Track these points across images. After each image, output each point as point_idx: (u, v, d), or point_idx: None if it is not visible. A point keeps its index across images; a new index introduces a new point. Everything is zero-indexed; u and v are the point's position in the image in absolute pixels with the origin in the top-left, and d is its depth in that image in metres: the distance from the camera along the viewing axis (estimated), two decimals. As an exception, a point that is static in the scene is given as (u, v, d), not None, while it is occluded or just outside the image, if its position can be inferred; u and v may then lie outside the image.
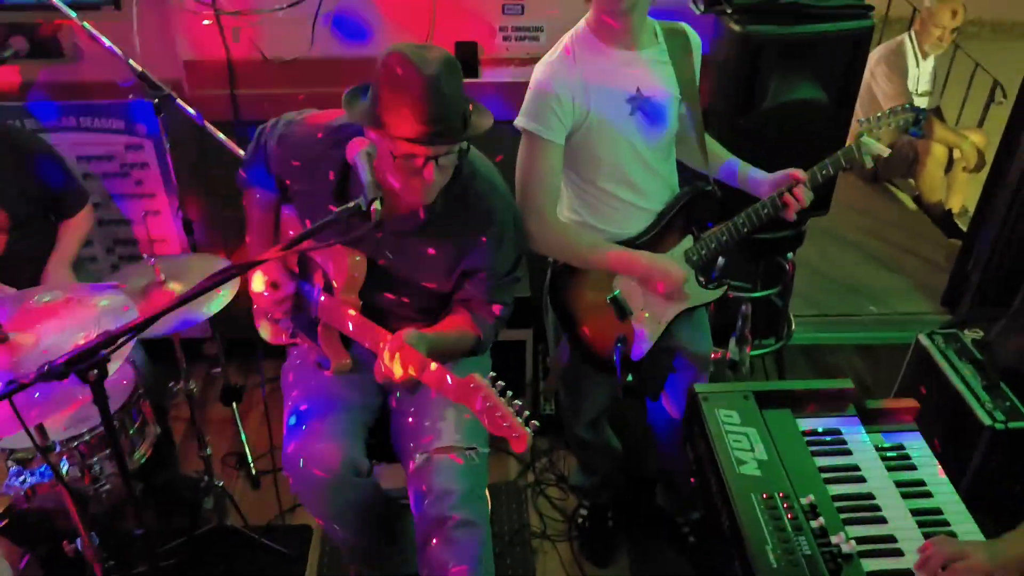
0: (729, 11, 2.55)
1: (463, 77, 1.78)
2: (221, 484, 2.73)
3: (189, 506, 2.80)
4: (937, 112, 4.84)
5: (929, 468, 1.96)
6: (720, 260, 2.30)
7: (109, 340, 1.42)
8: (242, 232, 2.23)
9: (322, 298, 2.05)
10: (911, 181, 4.90)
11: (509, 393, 1.60)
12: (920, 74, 4.61)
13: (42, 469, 1.93)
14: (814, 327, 3.69)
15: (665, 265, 2.16)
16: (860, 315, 3.84)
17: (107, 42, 2.48)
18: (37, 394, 1.67)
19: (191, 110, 2.54)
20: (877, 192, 4.89)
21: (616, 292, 2.21)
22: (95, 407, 1.47)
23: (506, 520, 2.84)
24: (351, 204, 1.57)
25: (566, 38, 2.09)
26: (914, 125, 2.19)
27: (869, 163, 2.14)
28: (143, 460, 2.35)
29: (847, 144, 2.17)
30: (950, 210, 4.62)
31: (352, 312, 1.99)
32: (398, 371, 1.72)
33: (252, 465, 3.00)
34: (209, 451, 2.70)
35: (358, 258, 1.98)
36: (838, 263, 4.21)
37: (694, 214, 2.25)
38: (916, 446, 2.02)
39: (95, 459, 2.20)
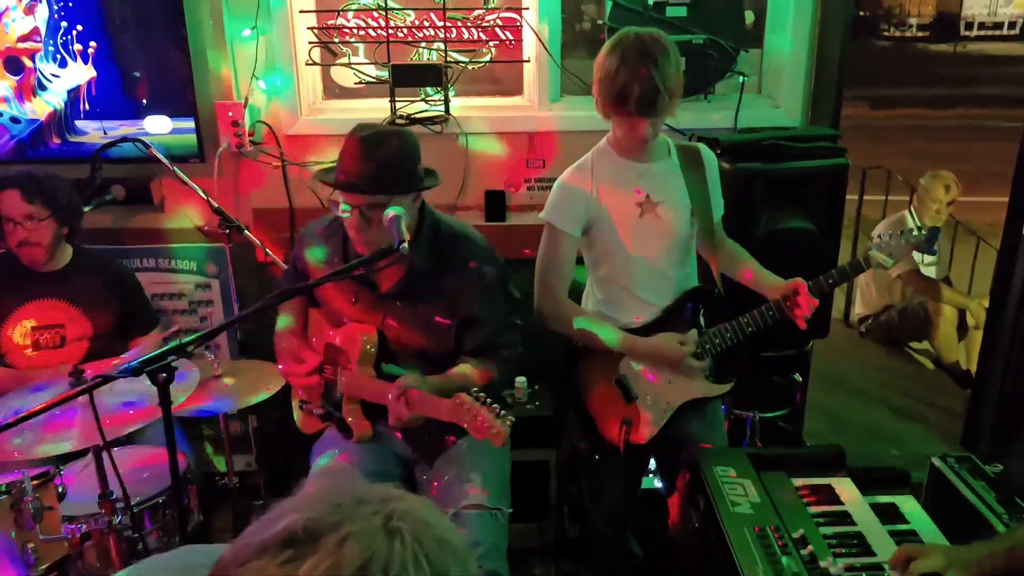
0: (719, 151, 2.94)
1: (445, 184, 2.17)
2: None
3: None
4: (947, 280, 5.11)
5: (922, 521, 2.06)
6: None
7: (178, 348, 1.70)
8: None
9: (343, 378, 2.31)
10: (929, 348, 5.07)
11: (489, 400, 1.88)
12: (923, 245, 4.94)
13: (96, 515, 2.13)
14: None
15: (660, 343, 2.35)
16: (882, 456, 3.90)
17: (193, 185, 2.95)
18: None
19: (257, 240, 2.97)
20: (897, 354, 5.06)
21: (621, 375, 2.41)
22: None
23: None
24: (383, 247, 1.88)
25: (590, 152, 2.44)
26: (926, 242, 2.35)
27: (875, 267, 2.32)
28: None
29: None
30: (968, 370, 4.75)
31: (367, 376, 2.25)
32: (402, 409, 1.99)
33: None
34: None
35: (369, 334, 2.26)
36: (860, 413, 4.32)
37: (699, 311, 2.45)
38: (910, 506, 2.13)
39: (139, 534, 2.38)
